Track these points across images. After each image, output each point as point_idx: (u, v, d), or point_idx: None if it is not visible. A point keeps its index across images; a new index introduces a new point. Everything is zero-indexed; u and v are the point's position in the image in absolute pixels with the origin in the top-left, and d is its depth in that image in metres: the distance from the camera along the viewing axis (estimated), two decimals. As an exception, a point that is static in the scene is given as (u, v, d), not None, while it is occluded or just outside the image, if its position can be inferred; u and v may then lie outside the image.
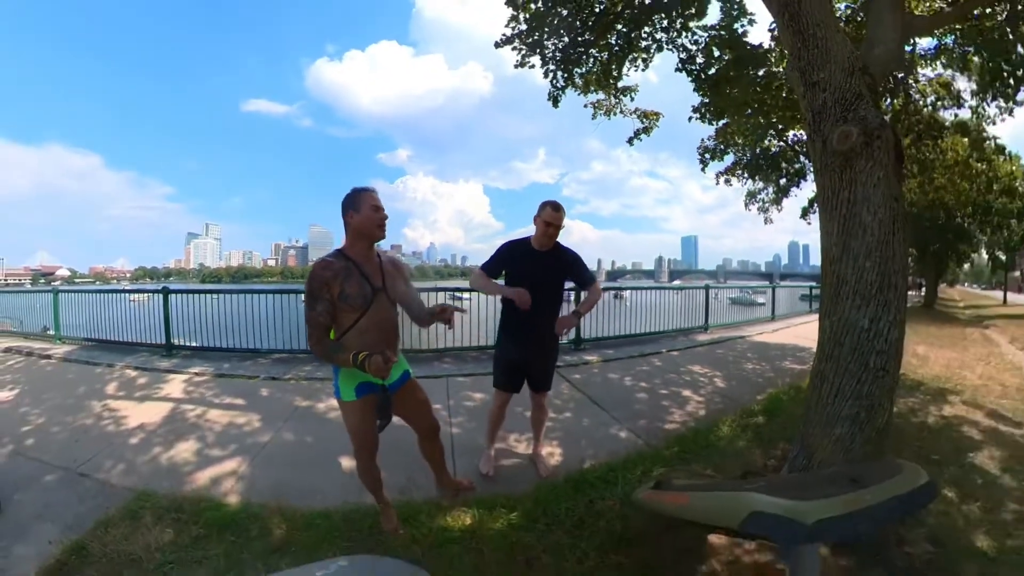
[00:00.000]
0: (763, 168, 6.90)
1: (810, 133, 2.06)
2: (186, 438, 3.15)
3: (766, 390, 4.25)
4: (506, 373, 2.54)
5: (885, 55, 2.15)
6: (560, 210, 2.33)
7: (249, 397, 3.98)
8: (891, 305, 1.85)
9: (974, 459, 2.81)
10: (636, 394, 4.09)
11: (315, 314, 1.70)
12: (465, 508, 2.20)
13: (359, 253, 1.81)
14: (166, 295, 5.70)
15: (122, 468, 2.76)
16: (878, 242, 1.86)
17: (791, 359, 5.76)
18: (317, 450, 2.96)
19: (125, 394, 4.16)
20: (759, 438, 3.01)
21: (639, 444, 3.02)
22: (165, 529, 2.06)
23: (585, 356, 5.44)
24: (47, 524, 2.18)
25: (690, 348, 6.20)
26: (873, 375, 1.85)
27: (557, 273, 2.40)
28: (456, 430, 3.27)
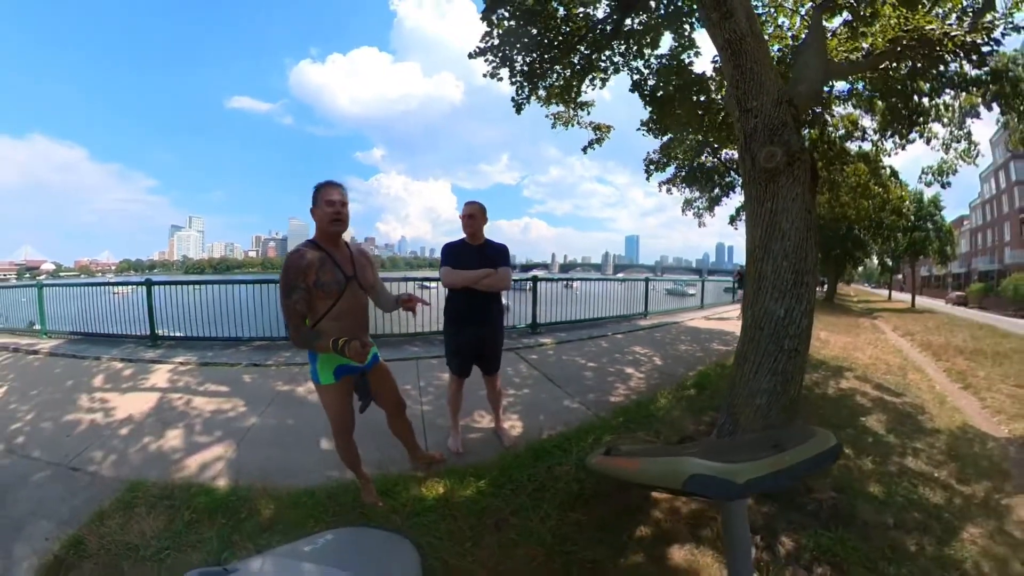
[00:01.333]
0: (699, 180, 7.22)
1: (742, 152, 2.15)
2: (174, 426, 2.92)
3: (697, 367, 4.37)
4: (455, 359, 2.52)
5: (808, 92, 2.28)
6: (470, 204, 2.40)
7: (232, 384, 3.73)
8: (803, 298, 1.99)
9: (865, 423, 3.05)
10: (586, 372, 4.12)
11: (291, 302, 1.62)
12: (437, 479, 2.18)
13: (328, 243, 1.74)
14: (149, 287, 5.19)
15: (113, 460, 2.53)
16: (794, 246, 1.98)
17: (717, 341, 5.91)
18: (299, 432, 2.82)
19: (112, 386, 3.77)
20: (692, 408, 3.12)
21: (589, 415, 3.04)
22: (159, 517, 1.94)
23: (541, 339, 5.46)
24: (42, 521, 1.97)
25: (632, 332, 6.31)
26: (787, 355, 1.98)
27: (490, 262, 2.39)
28: (427, 407, 3.21)
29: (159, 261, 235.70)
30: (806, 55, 2.44)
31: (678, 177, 7.35)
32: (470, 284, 2.31)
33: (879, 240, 17.94)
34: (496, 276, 2.36)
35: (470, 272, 2.32)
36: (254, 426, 2.93)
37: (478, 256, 2.36)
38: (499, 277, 2.37)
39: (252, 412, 3.14)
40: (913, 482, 2.27)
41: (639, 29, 4.13)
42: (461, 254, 2.37)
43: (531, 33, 3.99)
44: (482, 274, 2.32)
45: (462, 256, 2.36)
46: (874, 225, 14.28)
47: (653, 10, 4.04)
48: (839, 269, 22.42)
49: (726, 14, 2.03)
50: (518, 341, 5.25)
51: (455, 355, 2.49)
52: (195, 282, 5.55)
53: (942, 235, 20.08)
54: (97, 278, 27.29)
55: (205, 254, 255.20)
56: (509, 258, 2.47)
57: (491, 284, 2.36)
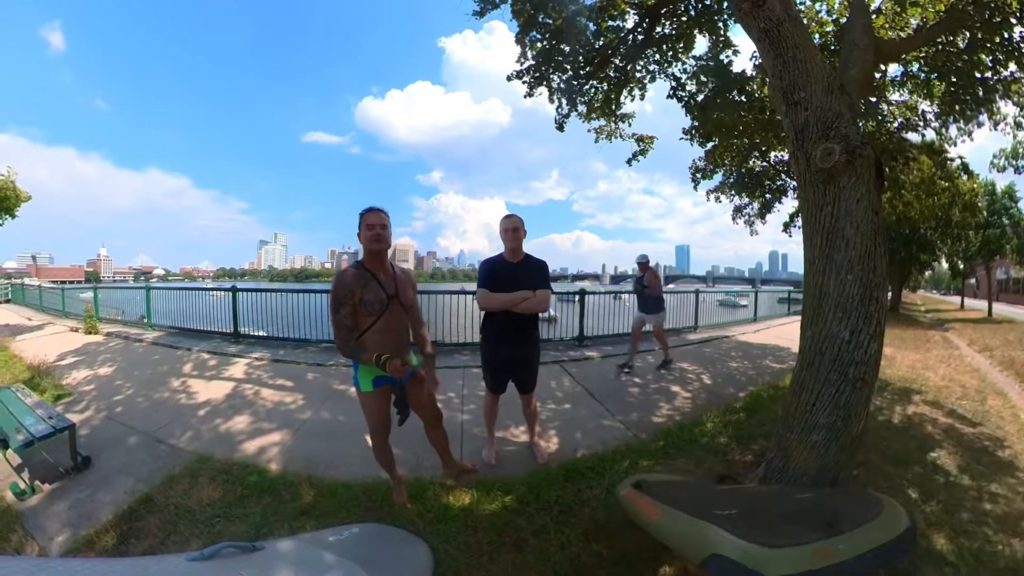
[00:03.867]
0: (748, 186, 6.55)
1: (794, 151, 1.82)
2: (242, 412, 3.19)
3: (748, 388, 3.96)
4: (489, 375, 2.43)
5: (860, 76, 1.90)
6: (509, 217, 2.28)
7: (297, 380, 3.99)
8: (872, 318, 1.60)
9: (936, 459, 2.51)
10: (630, 388, 3.89)
11: (340, 317, 1.70)
12: (466, 489, 2.12)
13: (374, 264, 1.80)
14: (235, 293, 5.84)
15: (189, 435, 2.83)
16: (860, 255, 1.61)
17: (771, 358, 5.42)
18: (348, 428, 2.92)
19: (198, 373, 4.24)
20: (739, 435, 2.76)
21: (629, 436, 2.84)
22: (216, 488, 2.12)
23: (587, 352, 5.26)
24: (126, 477, 2.29)
25: (681, 346, 5.92)
26: (851, 386, 1.61)
27: (529, 279, 2.25)
28: (467, 417, 3.16)
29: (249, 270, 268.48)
30: (852, 34, 2.05)
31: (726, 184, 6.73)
32: (508, 308, 2.20)
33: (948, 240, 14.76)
34: (534, 300, 2.21)
35: (507, 296, 2.19)
36: (309, 419, 3.10)
37: (516, 274, 2.23)
38: (537, 301, 2.21)
39: (309, 406, 3.32)
40: (992, 537, 1.76)
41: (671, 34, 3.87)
42: (499, 273, 2.26)
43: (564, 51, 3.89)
44: (519, 297, 2.18)
45: (500, 275, 2.25)
46: (942, 224, 11.92)
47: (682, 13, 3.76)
48: (904, 275, 19.12)
49: (757, 1, 1.76)
50: (564, 353, 5.11)
51: (489, 371, 2.41)
52: (272, 290, 6.13)
53: (1020, 231, 15.89)
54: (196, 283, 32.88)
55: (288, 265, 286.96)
56: (548, 277, 2.34)
57: (529, 308, 2.22)
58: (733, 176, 6.57)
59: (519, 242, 2.26)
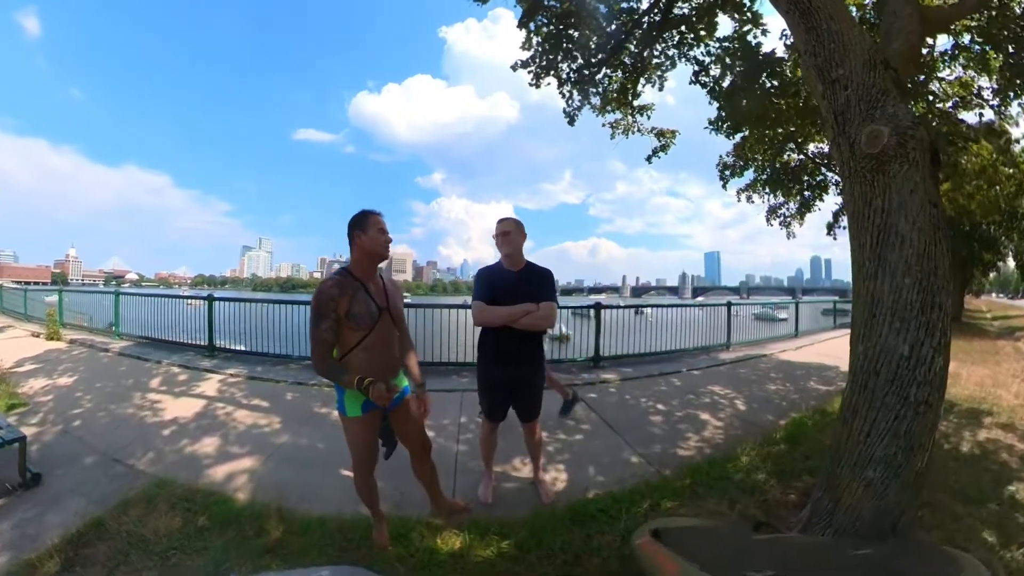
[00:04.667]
0: (784, 182, 6.42)
1: (834, 136, 1.76)
2: (212, 433, 3.20)
3: (789, 414, 3.82)
4: (486, 400, 2.35)
5: (904, 49, 1.84)
6: (504, 220, 2.25)
7: (274, 400, 4.00)
8: (935, 328, 1.50)
9: (1016, 493, 2.35)
10: (652, 416, 3.79)
11: (320, 331, 1.65)
12: (457, 531, 2.03)
13: (365, 273, 1.78)
14: (211, 302, 5.91)
15: (151, 456, 2.85)
16: (918, 255, 1.53)
17: (816, 379, 5.21)
18: (326, 456, 2.89)
19: (166, 389, 4.29)
20: (780, 470, 2.63)
21: (650, 472, 2.74)
22: (175, 516, 2.10)
23: (603, 374, 5.15)
24: (78, 498, 2.31)
25: (712, 367, 5.78)
26: (913, 410, 1.50)
27: (532, 290, 2.17)
28: (462, 447, 3.11)
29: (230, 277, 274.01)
30: (892, 3, 2.00)
31: (758, 181, 6.66)
32: (507, 323, 2.13)
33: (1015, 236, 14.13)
34: (537, 314, 2.12)
35: (506, 310, 2.12)
36: (284, 444, 3.09)
37: (517, 284, 2.18)
38: (541, 316, 2.13)
39: (286, 430, 3.32)
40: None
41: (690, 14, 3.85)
42: (497, 283, 2.21)
43: (573, 37, 3.93)
44: (520, 311, 2.10)
45: (498, 285, 2.20)
46: (1007, 217, 11.32)
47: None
48: (966, 278, 18.37)
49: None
50: (577, 376, 5.03)
51: (486, 396, 2.34)
52: (252, 300, 6.24)
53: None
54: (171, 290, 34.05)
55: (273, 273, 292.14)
56: (554, 287, 2.27)
57: (531, 324, 2.14)
58: (766, 172, 6.47)
59: (515, 247, 2.21)
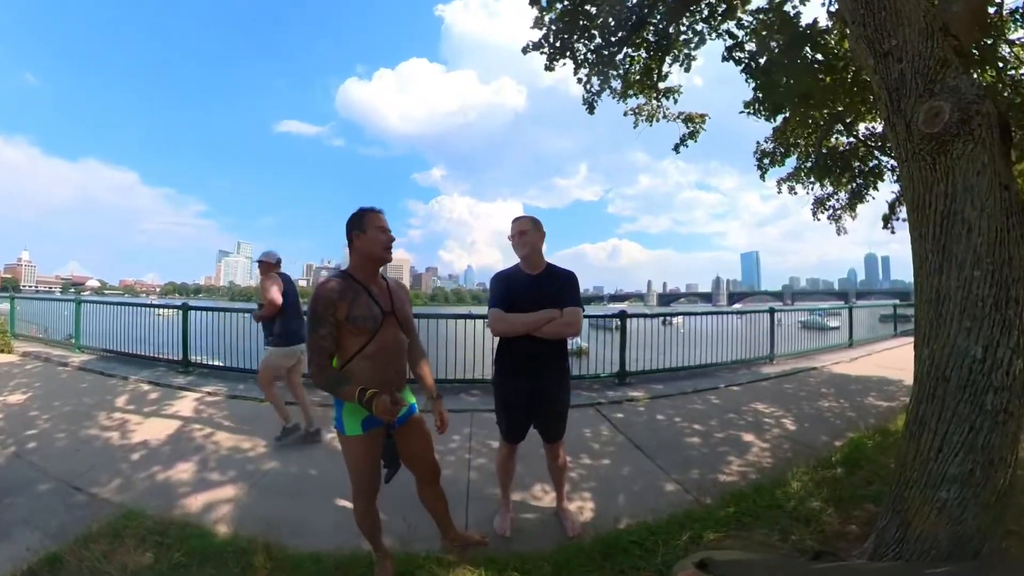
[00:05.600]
0: (832, 170, 6.39)
1: (888, 115, 1.80)
2: (188, 459, 3.25)
3: (846, 434, 3.83)
4: (505, 419, 2.39)
5: (966, 11, 1.87)
6: (517, 219, 2.31)
7: (259, 421, 4.06)
8: (1012, 326, 1.52)
9: None
10: (688, 438, 3.84)
11: (318, 337, 1.70)
12: (471, 568, 2.05)
13: (366, 275, 1.83)
14: (186, 311, 6.01)
15: (117, 483, 2.87)
16: (989, 244, 1.55)
17: (876, 394, 5.24)
18: (320, 484, 2.93)
19: (134, 408, 4.38)
20: (838, 497, 2.62)
21: (688, 500, 2.77)
22: (146, 552, 2.12)
23: (630, 392, 5.22)
24: (31, 531, 2.30)
25: (753, 382, 5.86)
26: (991, 420, 1.51)
27: (554, 295, 2.22)
28: (474, 474, 3.16)
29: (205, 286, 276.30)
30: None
31: (802, 170, 6.63)
32: (528, 332, 2.17)
33: None
34: (561, 321, 2.16)
35: (527, 317, 2.17)
36: (272, 471, 3.14)
37: (537, 289, 2.23)
38: (565, 322, 2.17)
39: (273, 455, 3.37)
40: None
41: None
42: (515, 289, 2.26)
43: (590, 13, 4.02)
44: (543, 318, 2.15)
45: (516, 291, 2.25)
46: None
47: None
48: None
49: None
50: (601, 394, 5.13)
51: (505, 414, 2.39)
52: (233, 310, 6.30)
53: None
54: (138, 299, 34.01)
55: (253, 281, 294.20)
56: (579, 291, 2.32)
57: (555, 332, 2.18)
58: (811, 158, 6.46)
59: (533, 248, 2.26)
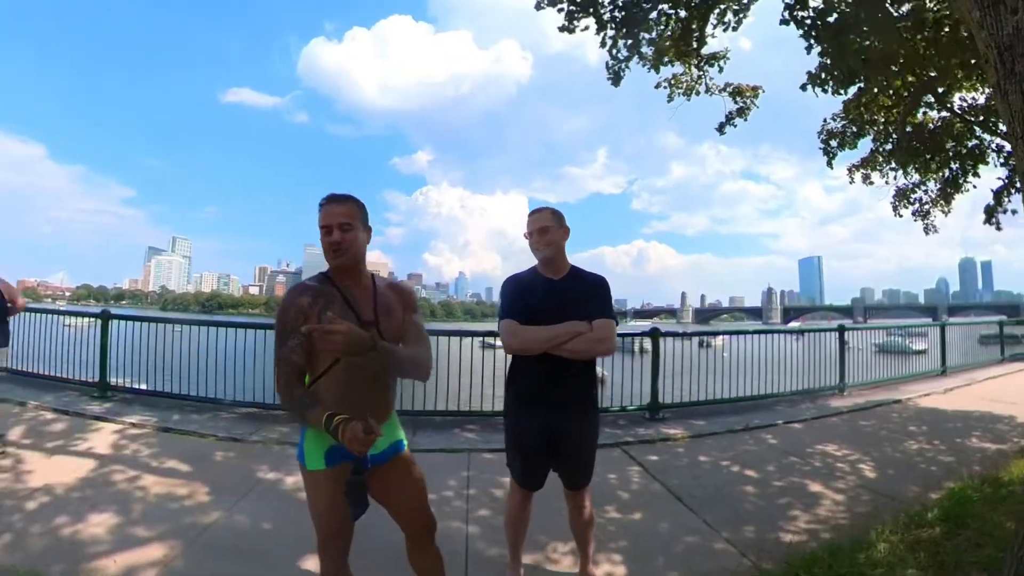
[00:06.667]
0: (919, 152, 6.36)
1: (998, 81, 1.81)
2: (103, 509, 3.21)
3: (944, 484, 3.85)
4: (519, 460, 2.39)
5: None
6: (538, 212, 2.34)
7: (199, 461, 4.07)
8: None
9: None
10: (739, 487, 3.92)
11: (285, 352, 1.72)
12: None
13: (343, 277, 1.86)
14: (106, 320, 6.00)
15: (7, 540, 2.82)
16: None
17: (980, 434, 5.30)
18: (277, 541, 2.92)
19: (33, 442, 4.34)
20: (939, 563, 2.62)
21: (745, 566, 2.79)
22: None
23: (664, 429, 5.32)
24: None
25: (819, 418, 5.96)
26: None
27: (581, 304, 2.22)
28: (474, 528, 3.18)
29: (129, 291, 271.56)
30: None
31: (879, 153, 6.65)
32: (548, 348, 2.17)
33: None
34: (592, 336, 2.16)
35: (548, 330, 2.17)
36: (215, 524, 3.12)
37: (560, 297, 2.25)
38: (595, 338, 2.17)
39: (218, 504, 3.36)
40: None
41: None
42: (533, 296, 2.28)
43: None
44: (568, 332, 2.15)
45: (535, 299, 2.27)
46: None
47: None
48: None
49: None
50: (629, 431, 5.24)
51: (520, 454, 2.39)
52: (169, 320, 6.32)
53: None
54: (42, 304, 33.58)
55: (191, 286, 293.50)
56: (611, 300, 2.35)
57: (583, 350, 2.19)
58: (892, 139, 6.42)
59: (555, 247, 2.28)
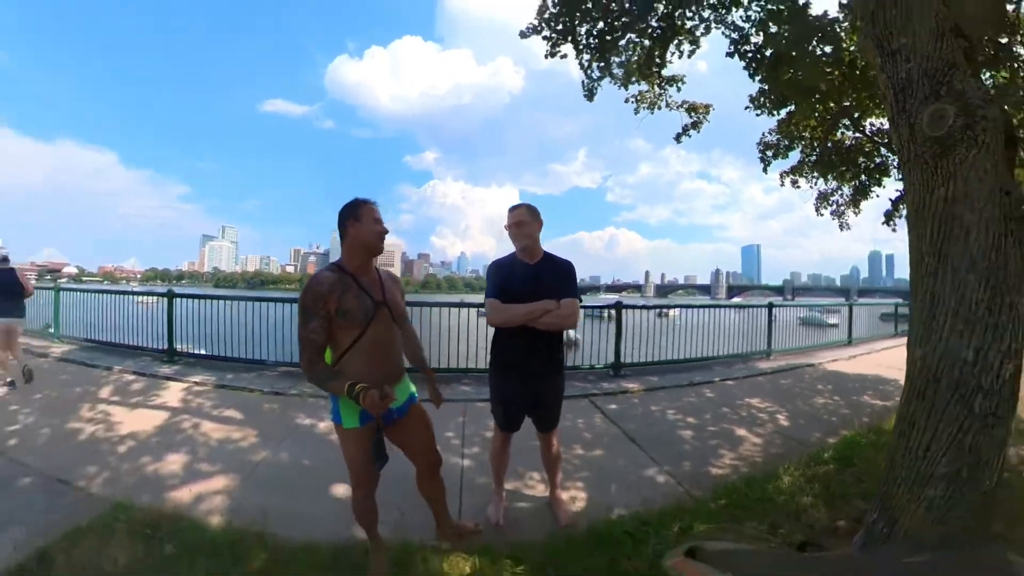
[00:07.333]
0: (836, 164, 6.41)
1: (893, 116, 1.82)
2: (177, 450, 3.26)
3: (840, 431, 3.90)
4: (501, 410, 2.45)
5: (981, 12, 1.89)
6: (516, 208, 2.32)
7: (249, 411, 4.09)
8: (1004, 331, 1.57)
9: None
10: (681, 431, 3.92)
11: (308, 331, 1.71)
12: (465, 557, 2.11)
13: (358, 266, 1.84)
14: (171, 299, 5.97)
15: (105, 477, 2.87)
16: (986, 249, 1.59)
17: (872, 393, 5.31)
18: (313, 474, 2.96)
19: (119, 399, 4.36)
20: (828, 493, 2.69)
21: (680, 492, 2.84)
22: (137, 545, 2.13)
23: (625, 384, 5.28)
24: (15, 527, 2.28)
25: (749, 377, 5.93)
26: (980, 422, 1.57)
27: (552, 286, 2.25)
28: (468, 463, 3.21)
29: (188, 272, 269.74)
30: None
31: (806, 164, 6.63)
32: (524, 322, 2.22)
33: None
34: (559, 312, 2.20)
35: (524, 307, 2.20)
36: (264, 461, 3.16)
37: (535, 279, 2.26)
38: (562, 314, 2.21)
39: (264, 445, 3.39)
40: None
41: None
42: (512, 278, 2.29)
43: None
44: (541, 308, 2.19)
45: (513, 281, 2.28)
46: None
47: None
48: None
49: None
50: (595, 385, 5.19)
51: (500, 404, 2.44)
52: (222, 297, 6.29)
53: None
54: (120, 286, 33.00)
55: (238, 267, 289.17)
56: (576, 282, 2.35)
57: (552, 323, 2.22)
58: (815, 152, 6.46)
59: (530, 238, 2.28)
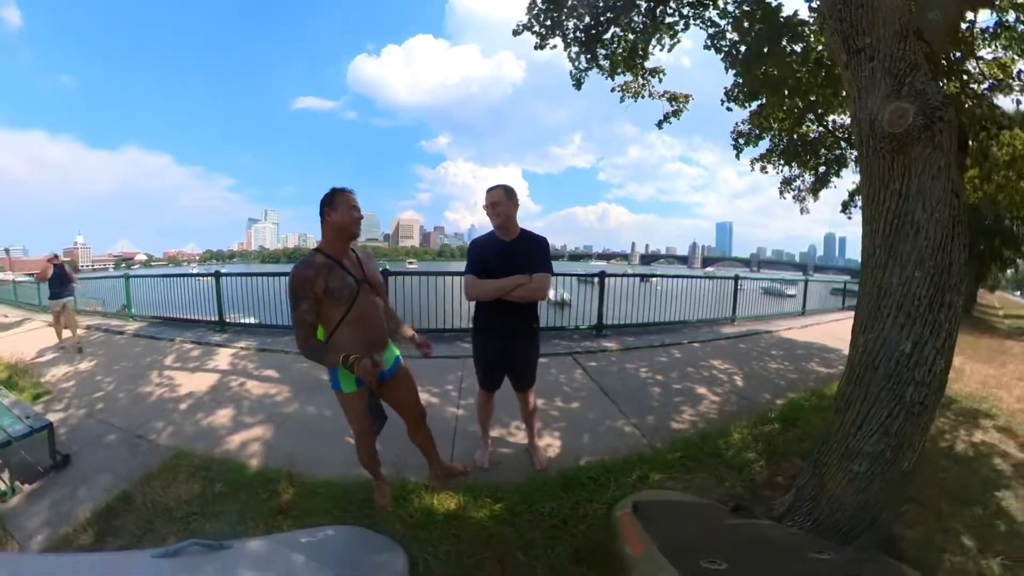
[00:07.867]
0: (800, 154, 6.02)
1: (855, 111, 1.62)
2: (225, 405, 3.32)
3: (786, 394, 3.78)
4: (480, 370, 2.40)
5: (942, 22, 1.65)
6: (492, 189, 2.17)
7: (284, 370, 4.10)
8: (941, 328, 1.44)
9: (1001, 501, 2.29)
10: (650, 388, 3.81)
11: (300, 313, 1.67)
12: (452, 494, 2.14)
13: (337, 250, 1.78)
14: (218, 278, 5.99)
15: (170, 430, 2.97)
16: (933, 247, 1.43)
17: (817, 360, 5.13)
18: (332, 424, 2.96)
19: (180, 365, 4.42)
20: (771, 451, 2.63)
21: (643, 444, 2.78)
22: (195, 484, 2.24)
23: (605, 343, 5.18)
24: (105, 474, 2.44)
25: (713, 340, 5.74)
26: (907, 411, 1.47)
27: (526, 261, 2.13)
28: (462, 412, 3.19)
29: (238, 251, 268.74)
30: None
31: (773, 152, 6.24)
32: (498, 296, 2.12)
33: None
34: (530, 286, 2.10)
35: (497, 282, 2.10)
36: (293, 413, 3.20)
37: (510, 255, 2.14)
38: (533, 288, 2.11)
39: (294, 399, 3.43)
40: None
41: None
42: (489, 255, 2.17)
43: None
44: (512, 283, 2.09)
45: (490, 256, 2.17)
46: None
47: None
48: (981, 272, 17.67)
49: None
50: (579, 344, 5.07)
51: (481, 366, 2.39)
52: (257, 273, 6.30)
53: None
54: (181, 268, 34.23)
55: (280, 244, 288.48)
56: (549, 256, 2.23)
57: (524, 296, 2.12)
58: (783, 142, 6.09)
59: (506, 217, 2.15)
